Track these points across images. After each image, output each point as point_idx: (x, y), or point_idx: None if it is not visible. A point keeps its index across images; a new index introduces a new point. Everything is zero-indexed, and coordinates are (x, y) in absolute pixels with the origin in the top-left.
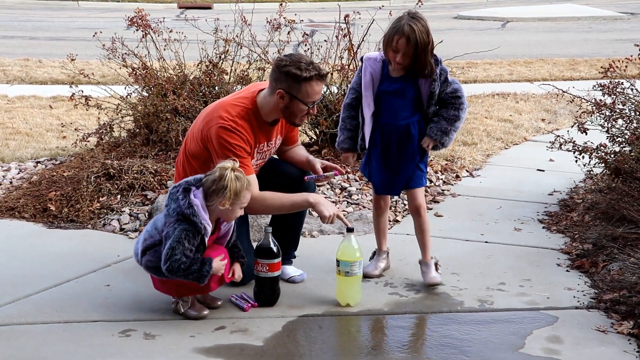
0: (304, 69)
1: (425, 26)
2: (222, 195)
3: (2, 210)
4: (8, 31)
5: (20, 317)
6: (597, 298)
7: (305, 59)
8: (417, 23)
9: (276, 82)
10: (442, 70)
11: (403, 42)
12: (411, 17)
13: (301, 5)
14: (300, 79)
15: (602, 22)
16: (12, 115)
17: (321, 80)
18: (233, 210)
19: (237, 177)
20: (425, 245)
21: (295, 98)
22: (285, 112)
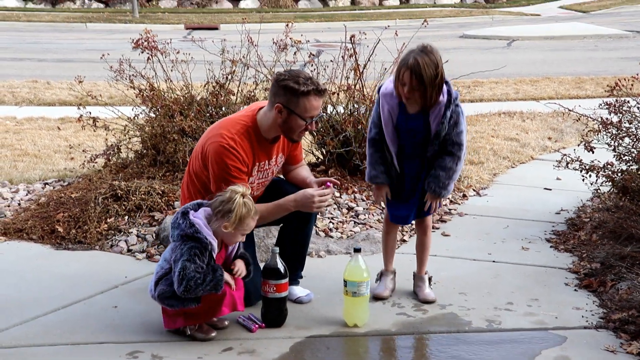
0: (302, 83)
1: (434, 60)
2: (227, 218)
3: (10, 231)
4: (17, 53)
5: (28, 339)
6: (606, 318)
7: (304, 74)
8: (425, 56)
9: (275, 97)
10: (454, 113)
11: (408, 75)
12: (420, 50)
13: (307, 26)
14: (298, 93)
15: (607, 40)
16: (21, 136)
17: (319, 95)
18: (234, 235)
19: (245, 203)
20: (423, 262)
21: (293, 113)
22: (283, 127)
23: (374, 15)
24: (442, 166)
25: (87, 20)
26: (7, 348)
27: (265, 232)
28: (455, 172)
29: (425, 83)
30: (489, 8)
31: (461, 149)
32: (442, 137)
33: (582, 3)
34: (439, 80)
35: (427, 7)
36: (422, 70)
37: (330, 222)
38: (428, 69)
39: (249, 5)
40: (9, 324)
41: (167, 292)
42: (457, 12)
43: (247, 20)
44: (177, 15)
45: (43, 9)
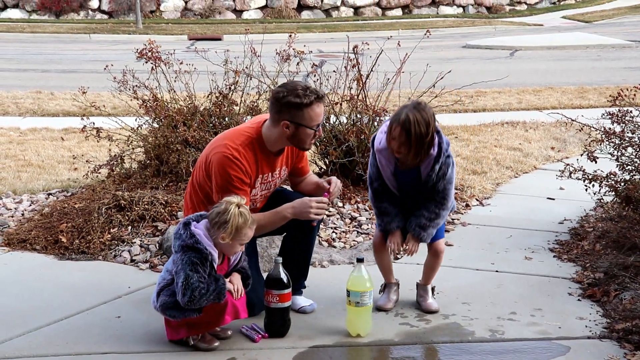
0: (302, 95)
1: (426, 118)
2: (223, 229)
3: (14, 242)
4: (21, 64)
5: (31, 349)
6: (610, 328)
7: (300, 85)
8: (417, 113)
9: (278, 115)
10: (444, 165)
11: (398, 130)
12: (413, 107)
13: (310, 36)
14: (302, 107)
15: (610, 50)
16: (24, 147)
17: (321, 101)
18: (232, 246)
19: (241, 213)
20: (430, 276)
21: (301, 125)
22: (293, 140)
23: (376, 25)
24: (426, 207)
25: (91, 31)
26: (11, 358)
27: (268, 241)
28: (438, 218)
29: (413, 140)
30: (491, 18)
31: (446, 198)
32: (429, 187)
33: (585, 13)
34: (429, 139)
35: (430, 17)
36: (412, 127)
37: (333, 232)
38: (418, 126)
39: (252, 16)
40: (12, 334)
41: (169, 302)
42: (460, 22)
43: (250, 30)
44: (180, 26)
45: (47, 20)
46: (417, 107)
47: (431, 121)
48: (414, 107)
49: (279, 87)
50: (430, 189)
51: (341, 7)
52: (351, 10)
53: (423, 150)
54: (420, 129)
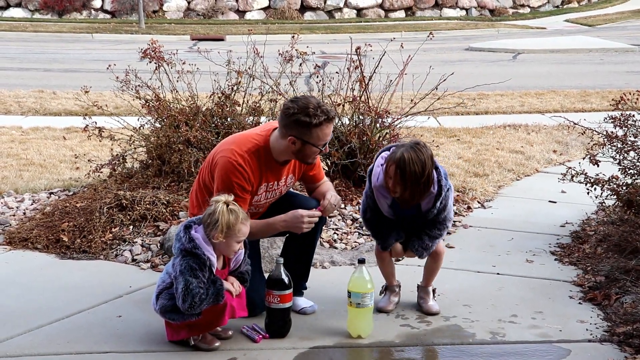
0: (313, 114)
1: (422, 158)
2: (215, 229)
3: (15, 241)
4: (23, 63)
5: (32, 348)
6: (610, 331)
7: (312, 104)
8: (412, 153)
9: (286, 129)
10: (444, 199)
11: (393, 169)
12: (410, 147)
13: (313, 37)
14: (310, 126)
15: (613, 54)
16: (26, 146)
17: (330, 122)
18: (229, 244)
19: (230, 210)
20: (430, 278)
21: (308, 143)
22: (298, 156)
23: (379, 27)
24: (428, 234)
25: (94, 30)
26: (12, 357)
27: (269, 242)
28: (439, 237)
29: (408, 180)
30: (494, 21)
31: (448, 225)
32: (429, 219)
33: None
34: (424, 180)
35: (433, 19)
36: (407, 167)
37: (334, 233)
38: (413, 165)
39: (254, 16)
40: (13, 332)
41: (169, 306)
42: (463, 24)
43: (253, 31)
44: (183, 26)
45: (50, 20)
46: (414, 147)
47: (427, 161)
48: (410, 146)
49: (291, 102)
50: (431, 219)
51: (344, 9)
52: (354, 12)
53: (419, 189)
54: (415, 168)
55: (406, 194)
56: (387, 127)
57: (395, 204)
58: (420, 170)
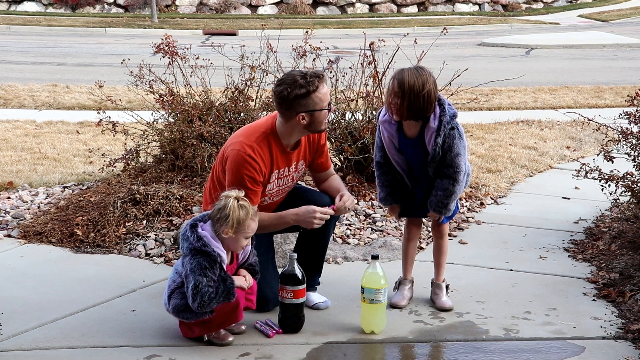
0: (305, 83)
1: (423, 76)
2: (225, 224)
3: (30, 235)
4: (37, 57)
5: (47, 341)
6: (625, 328)
7: (298, 74)
8: (414, 71)
9: (291, 111)
10: (448, 137)
11: (394, 83)
12: (415, 67)
13: (325, 32)
14: (309, 94)
15: (627, 49)
16: (40, 140)
17: (323, 80)
18: (237, 240)
19: (241, 206)
20: (440, 267)
21: (315, 110)
22: (310, 128)
23: (392, 22)
24: (440, 187)
25: (107, 25)
26: (27, 350)
27: (283, 238)
28: (453, 194)
29: (406, 91)
30: (507, 16)
31: (457, 171)
32: (437, 161)
33: (601, 12)
34: (423, 94)
35: (446, 14)
36: (404, 78)
37: (347, 228)
38: (411, 78)
39: (267, 11)
40: (28, 326)
41: (181, 305)
42: (476, 20)
43: (265, 26)
44: (195, 20)
45: (63, 14)
46: (417, 67)
47: (428, 80)
48: (414, 67)
49: (279, 86)
50: (439, 163)
51: (356, 4)
52: (366, 7)
53: (418, 104)
54: (414, 81)
55: (404, 107)
56: None
57: (403, 145)
58: (418, 84)
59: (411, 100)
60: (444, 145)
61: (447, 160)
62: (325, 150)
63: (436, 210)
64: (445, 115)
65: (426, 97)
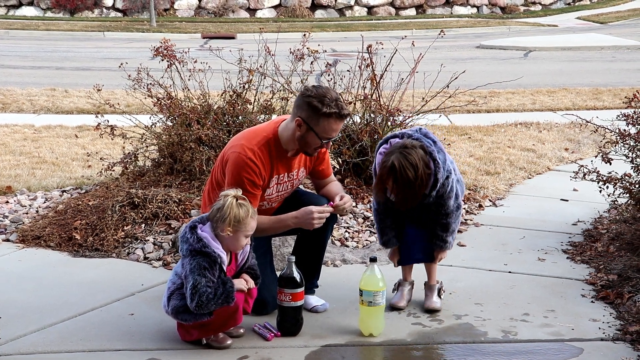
0: (327, 104)
1: (413, 161)
2: (223, 222)
3: (28, 239)
4: (36, 61)
5: (45, 345)
6: (623, 330)
7: (330, 95)
8: (402, 159)
9: (297, 109)
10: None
11: (388, 180)
12: (400, 152)
13: (324, 35)
14: (319, 113)
15: (625, 51)
16: (39, 144)
17: (340, 119)
18: (237, 239)
19: (240, 204)
20: (430, 274)
21: (312, 130)
22: (300, 141)
23: (390, 25)
24: (439, 223)
25: (105, 29)
26: (25, 354)
27: (281, 241)
28: (451, 225)
29: (401, 186)
30: (505, 18)
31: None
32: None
33: (600, 14)
34: (418, 182)
35: (444, 17)
36: (399, 174)
37: (346, 231)
38: (405, 171)
39: (265, 14)
40: (27, 330)
41: (180, 307)
42: (474, 22)
43: (264, 29)
44: (194, 24)
45: (61, 18)
46: (403, 151)
47: (418, 163)
48: (400, 152)
49: (313, 87)
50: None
51: (355, 7)
52: (365, 10)
53: (414, 193)
54: (408, 174)
55: (400, 198)
56: (399, 126)
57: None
58: (413, 175)
59: (408, 191)
60: (438, 193)
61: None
62: (326, 158)
63: (442, 247)
64: (439, 172)
65: (421, 182)
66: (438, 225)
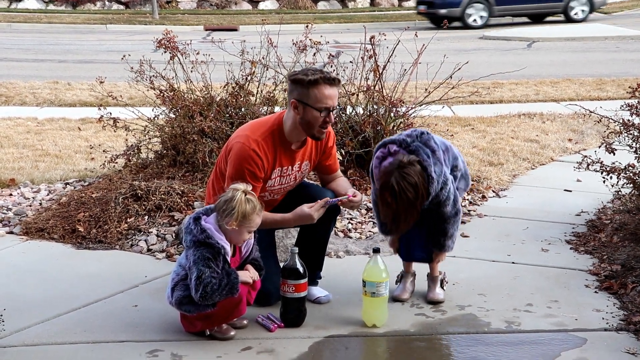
0: (310, 74)
1: (413, 180)
2: (230, 216)
3: (32, 231)
4: (38, 54)
5: (49, 337)
6: (627, 320)
7: (314, 68)
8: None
9: (289, 95)
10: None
11: (390, 199)
12: (399, 172)
13: (326, 27)
14: (305, 83)
15: (629, 41)
16: (42, 137)
17: (329, 83)
18: (240, 233)
19: (248, 199)
20: (432, 266)
21: (307, 105)
22: (302, 125)
23: (393, 16)
24: (437, 228)
25: (108, 21)
26: (30, 346)
27: (284, 232)
28: (448, 230)
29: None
30: None
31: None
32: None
33: None
34: (420, 200)
35: None
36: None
37: (349, 222)
38: (405, 193)
39: (268, 6)
40: (31, 322)
41: (184, 297)
42: None
43: (266, 21)
44: (196, 16)
45: (64, 11)
46: (403, 171)
47: (418, 181)
48: (399, 172)
49: (298, 69)
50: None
51: None
52: (367, 1)
53: (416, 210)
54: (408, 195)
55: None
56: (401, 117)
57: None
58: (413, 195)
59: (409, 211)
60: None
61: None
62: (332, 153)
63: (441, 249)
64: (431, 185)
65: (422, 200)
66: (436, 229)
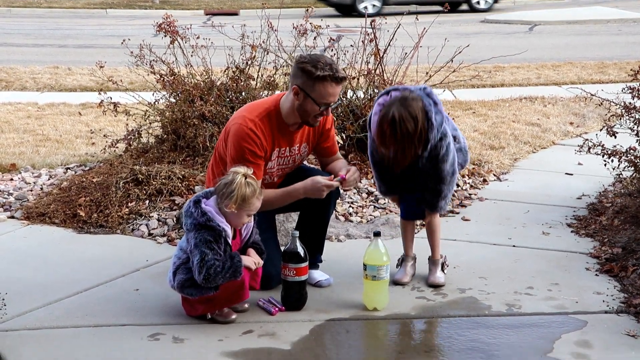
0: (320, 67)
1: (414, 112)
2: (229, 198)
3: (33, 216)
4: (38, 39)
5: (51, 321)
6: (627, 302)
7: (324, 59)
8: (403, 110)
9: (293, 78)
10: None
11: (388, 130)
12: (400, 103)
13: (327, 10)
14: (313, 77)
15: (631, 24)
16: (42, 122)
17: (336, 82)
18: (239, 216)
19: (248, 183)
20: (434, 244)
21: (309, 96)
22: (299, 110)
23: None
24: (429, 187)
25: (108, 6)
26: (31, 330)
27: (285, 216)
28: (442, 192)
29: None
30: None
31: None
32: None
33: None
34: (418, 135)
35: None
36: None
37: (350, 206)
38: (404, 123)
39: None
40: (32, 306)
41: (186, 280)
42: None
43: (267, 5)
44: (196, 0)
45: None
46: (404, 102)
47: (419, 115)
48: (400, 103)
49: (306, 54)
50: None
51: None
52: None
53: (413, 146)
54: (407, 125)
55: (398, 152)
56: None
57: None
58: (412, 128)
59: (406, 144)
60: (432, 153)
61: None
62: (331, 135)
63: (432, 209)
64: (432, 130)
65: (420, 135)
66: (431, 189)
